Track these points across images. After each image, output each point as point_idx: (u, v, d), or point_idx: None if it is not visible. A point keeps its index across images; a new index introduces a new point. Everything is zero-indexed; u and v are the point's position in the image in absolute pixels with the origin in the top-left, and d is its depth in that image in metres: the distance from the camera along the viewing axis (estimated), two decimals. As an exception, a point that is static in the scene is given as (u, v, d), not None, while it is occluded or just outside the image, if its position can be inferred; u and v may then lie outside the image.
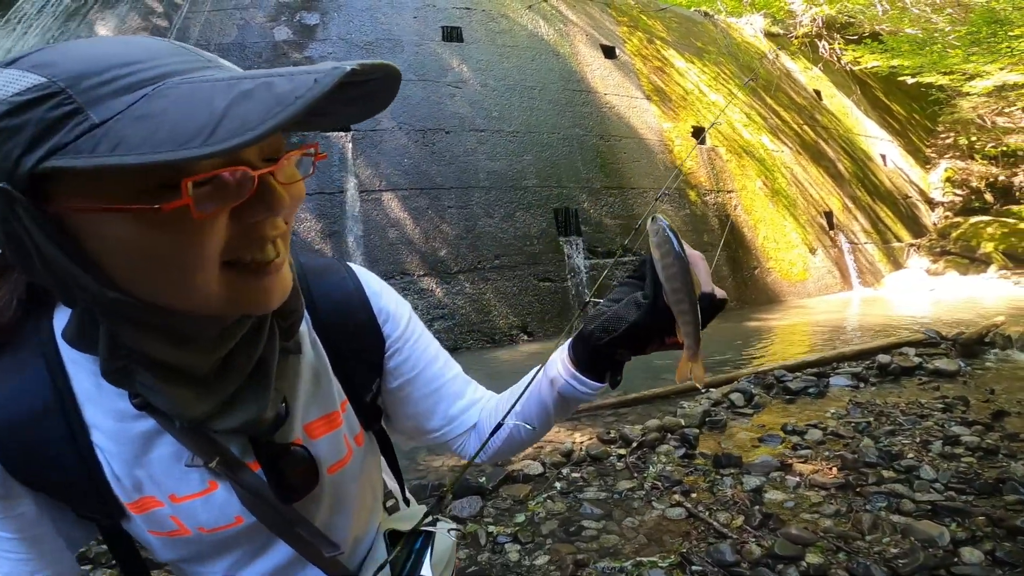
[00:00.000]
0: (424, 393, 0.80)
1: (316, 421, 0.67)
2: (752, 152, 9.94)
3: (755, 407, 4.05)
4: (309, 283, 0.70)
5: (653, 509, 2.66)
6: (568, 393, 0.72)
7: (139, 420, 0.57)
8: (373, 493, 0.82)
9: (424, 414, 0.82)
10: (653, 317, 0.64)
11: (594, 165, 8.18)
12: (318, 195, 6.78)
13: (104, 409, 0.56)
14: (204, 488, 0.60)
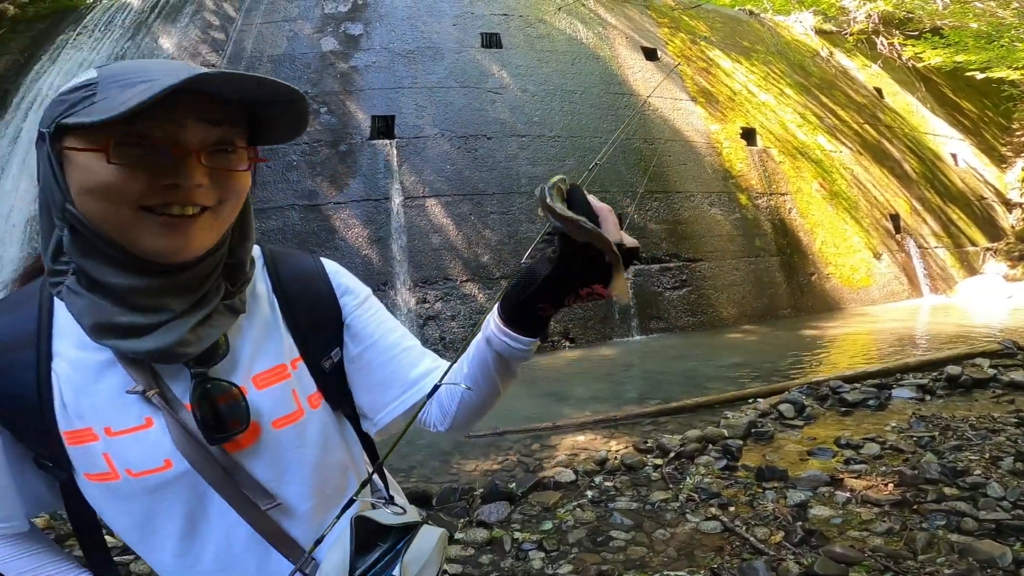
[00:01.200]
0: (383, 360, 0.84)
1: (263, 372, 0.73)
2: (807, 153, 9.49)
3: (806, 419, 3.83)
4: (276, 261, 0.82)
5: (687, 522, 2.54)
6: (503, 351, 0.76)
7: (99, 352, 0.66)
8: (342, 472, 0.82)
9: (384, 382, 0.85)
10: (561, 269, 0.68)
11: (638, 169, 8.01)
12: (364, 202, 6.96)
13: (73, 341, 0.66)
14: (139, 424, 0.66)
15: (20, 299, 0.69)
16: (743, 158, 8.78)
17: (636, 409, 4.20)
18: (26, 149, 7.10)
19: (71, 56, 7.88)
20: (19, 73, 7.87)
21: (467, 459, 3.46)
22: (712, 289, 7.80)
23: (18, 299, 0.69)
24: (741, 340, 7.05)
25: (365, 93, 7.56)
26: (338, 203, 6.92)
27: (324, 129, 7.29)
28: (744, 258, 8.16)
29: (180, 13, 8.19)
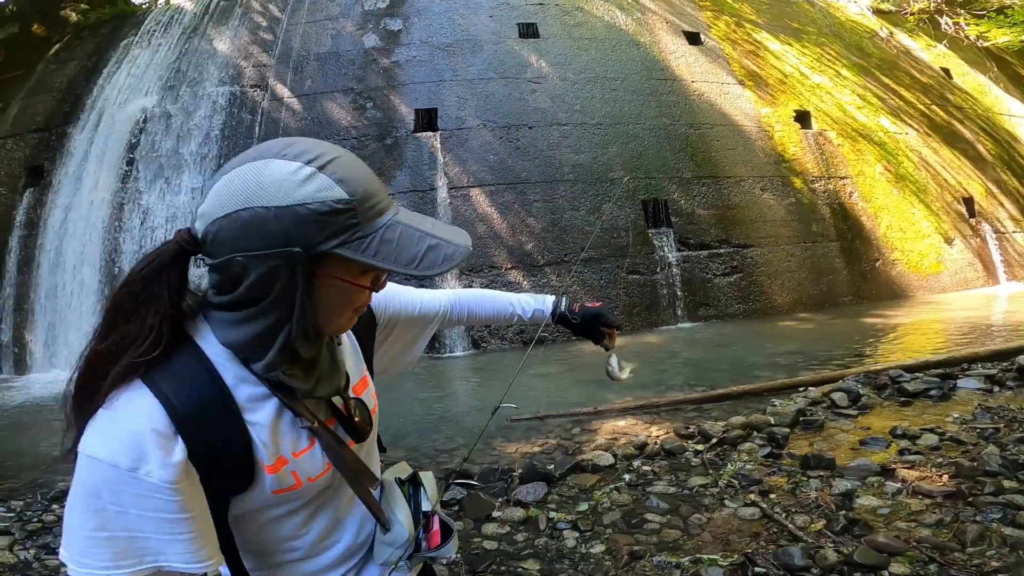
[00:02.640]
0: (405, 330, 1.11)
1: (358, 382, 0.93)
2: (869, 136, 9.02)
3: (861, 408, 3.67)
4: None
5: (724, 507, 2.50)
6: (534, 322, 1.35)
7: (267, 400, 0.79)
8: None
9: (407, 342, 1.13)
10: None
11: (684, 155, 7.83)
12: (412, 192, 7.12)
13: (244, 396, 0.77)
14: (308, 444, 0.82)
15: (187, 371, 0.74)
16: (797, 141, 8.45)
17: (679, 395, 4.13)
18: (102, 150, 7.57)
19: (136, 58, 8.30)
20: (88, 77, 8.34)
21: (509, 442, 3.48)
22: (764, 276, 7.54)
23: (184, 371, 0.74)
24: (795, 328, 6.79)
25: (408, 87, 7.71)
26: (386, 195, 7.09)
27: (370, 124, 7.50)
28: (800, 243, 7.84)
29: (230, 15, 8.55)
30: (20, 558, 2.29)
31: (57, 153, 7.73)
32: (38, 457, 3.68)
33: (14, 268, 7.32)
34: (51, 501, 2.81)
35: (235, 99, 7.69)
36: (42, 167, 7.76)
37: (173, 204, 7.14)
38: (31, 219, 7.47)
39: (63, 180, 7.52)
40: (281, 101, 7.67)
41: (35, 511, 2.69)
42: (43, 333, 6.98)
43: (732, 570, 2.08)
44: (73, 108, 8.05)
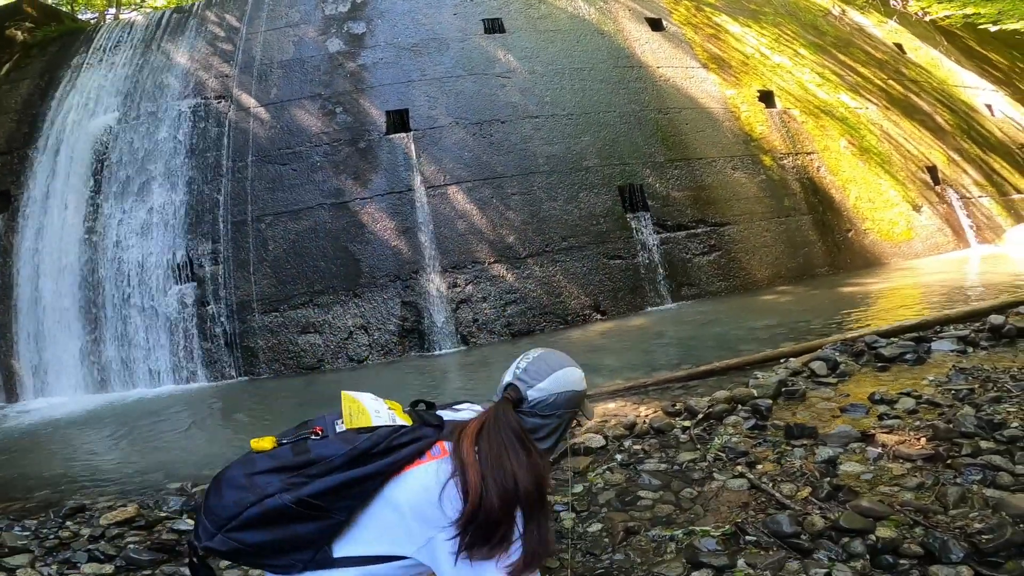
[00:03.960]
0: None
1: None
2: (831, 112, 9.28)
3: (840, 376, 3.75)
4: None
5: (714, 480, 2.57)
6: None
7: None
8: None
9: None
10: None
11: (655, 139, 7.93)
12: (389, 195, 7.11)
13: None
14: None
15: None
16: (763, 120, 8.63)
17: (666, 374, 4.21)
18: (67, 170, 7.40)
19: (90, 77, 8.11)
20: (43, 97, 8.15)
21: None
22: (743, 252, 7.67)
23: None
24: (775, 302, 6.93)
25: (376, 90, 7.68)
26: (364, 198, 7.09)
27: (342, 128, 7.45)
28: (773, 219, 7.99)
29: (185, 27, 8.40)
30: (43, 574, 2.30)
31: (21, 176, 7.56)
32: (44, 479, 3.67)
33: None
34: (64, 518, 2.81)
35: (199, 112, 7.57)
36: (8, 192, 7.59)
37: (146, 220, 7.03)
38: (3, 246, 7.33)
39: (31, 203, 7.36)
40: (248, 111, 7.58)
41: (50, 528, 2.69)
42: (30, 359, 6.89)
43: (724, 540, 2.15)
44: (31, 129, 7.86)
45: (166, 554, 2.38)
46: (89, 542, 2.51)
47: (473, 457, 1.20)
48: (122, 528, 2.59)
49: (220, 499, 1.22)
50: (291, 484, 1.19)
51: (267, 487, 1.19)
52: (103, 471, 3.73)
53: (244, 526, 1.19)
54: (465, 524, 1.16)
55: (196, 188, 7.11)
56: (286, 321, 6.65)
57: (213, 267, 6.83)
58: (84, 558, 2.35)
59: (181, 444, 4.31)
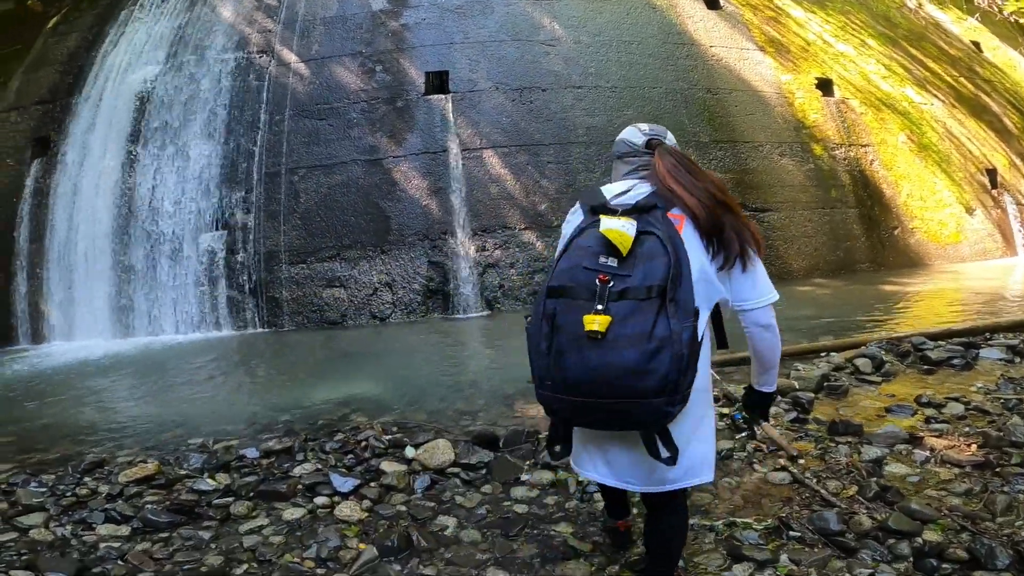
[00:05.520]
0: None
1: None
2: (893, 105, 8.91)
3: (884, 375, 3.62)
4: None
5: (754, 472, 2.48)
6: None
7: None
8: None
9: None
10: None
11: (701, 119, 7.70)
12: (423, 155, 7.01)
13: None
14: None
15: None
16: (818, 108, 8.34)
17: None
18: (108, 119, 7.42)
19: (137, 30, 8.10)
20: (90, 49, 8.15)
21: (530, 404, 3.40)
22: (781, 240, 7.46)
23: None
24: (812, 293, 6.72)
25: (417, 50, 7.51)
26: (397, 157, 7.01)
27: (380, 87, 7.33)
28: (818, 209, 7.75)
29: (232, -21, 8.23)
30: (57, 535, 2.22)
31: (63, 124, 7.62)
32: (65, 428, 3.60)
33: (26, 238, 7.29)
34: (83, 474, 2.73)
35: (241, 66, 7.51)
36: (48, 138, 7.67)
37: (182, 168, 7.04)
38: (40, 188, 7.41)
39: (71, 150, 7.43)
40: (288, 66, 7.48)
41: (68, 484, 2.61)
42: (59, 302, 6.98)
43: (766, 534, 2.09)
44: (76, 80, 7.88)
45: (184, 516, 2.31)
46: (107, 501, 2.43)
47: (692, 199, 1.42)
48: (141, 486, 2.52)
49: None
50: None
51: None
52: (124, 422, 3.64)
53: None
54: (716, 244, 1.42)
55: (233, 139, 7.11)
56: (312, 274, 6.67)
57: (244, 216, 6.84)
58: (100, 518, 2.28)
59: (204, 397, 4.23)
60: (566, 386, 1.30)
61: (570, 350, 1.28)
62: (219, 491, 2.45)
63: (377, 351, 5.38)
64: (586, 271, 1.33)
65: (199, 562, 2.02)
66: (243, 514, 2.31)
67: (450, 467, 2.57)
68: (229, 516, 2.31)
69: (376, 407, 3.57)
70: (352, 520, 2.22)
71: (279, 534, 2.17)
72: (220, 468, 2.64)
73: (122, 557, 2.05)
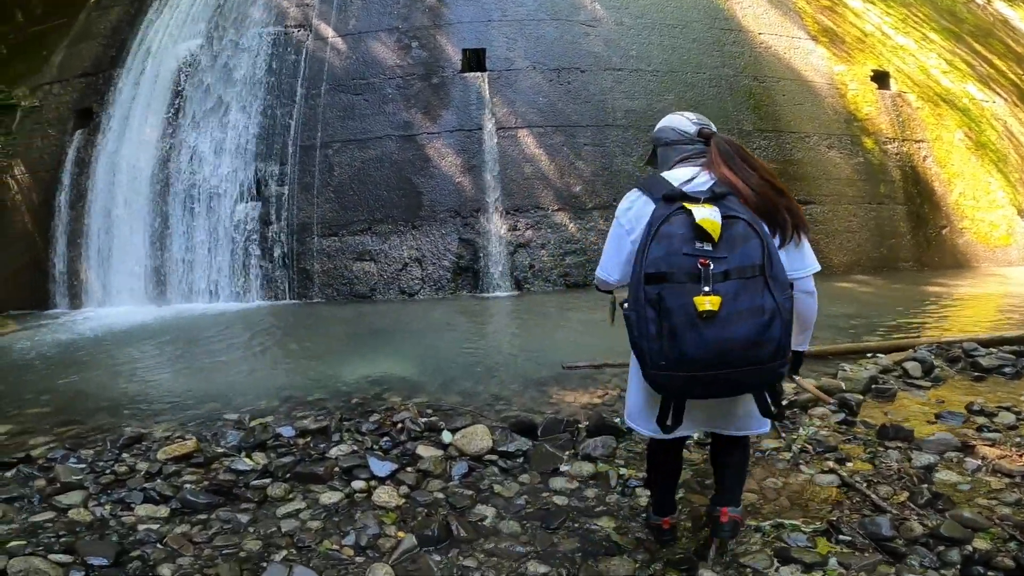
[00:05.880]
0: None
1: None
2: (953, 101, 8.57)
3: (934, 380, 3.49)
4: None
5: (800, 473, 2.41)
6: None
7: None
8: None
9: None
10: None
11: (746, 107, 7.48)
12: (458, 132, 6.93)
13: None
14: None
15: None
16: (872, 101, 8.06)
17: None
18: (149, 91, 7.49)
19: (178, 4, 8.09)
20: (132, 23, 8.20)
21: (565, 390, 3.37)
22: (823, 234, 7.26)
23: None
24: (853, 290, 6.50)
25: (454, 27, 7.40)
26: (432, 133, 6.95)
27: (416, 63, 7.24)
28: (864, 204, 7.51)
29: (270, -46, 8.14)
30: (96, 515, 2.18)
31: (105, 96, 7.72)
32: (101, 398, 3.57)
33: (66, 203, 7.43)
34: (121, 449, 2.69)
35: (279, 40, 7.48)
36: (91, 109, 7.78)
37: (219, 140, 7.09)
38: (82, 158, 7.53)
39: (112, 121, 7.53)
40: (325, 41, 7.42)
41: (107, 461, 2.57)
42: (96, 268, 7.10)
43: (815, 537, 2.02)
44: (119, 53, 7.96)
45: (223, 497, 2.28)
46: (145, 479, 2.39)
47: (747, 187, 1.57)
48: (179, 464, 2.49)
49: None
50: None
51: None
52: (159, 394, 3.62)
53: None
54: (773, 226, 1.56)
55: (269, 112, 7.12)
56: (343, 246, 6.68)
57: (279, 188, 6.87)
58: (139, 498, 2.23)
59: (237, 369, 4.21)
60: (685, 363, 1.42)
61: (685, 330, 1.40)
62: (256, 472, 2.42)
63: (407, 327, 5.36)
64: (686, 256, 1.42)
65: (238, 547, 1.98)
66: (280, 496, 2.28)
67: (487, 454, 2.52)
68: (266, 498, 2.28)
69: (409, 387, 3.53)
70: (390, 506, 2.19)
71: (316, 519, 2.14)
72: (256, 447, 2.62)
73: (161, 540, 2.00)
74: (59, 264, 7.29)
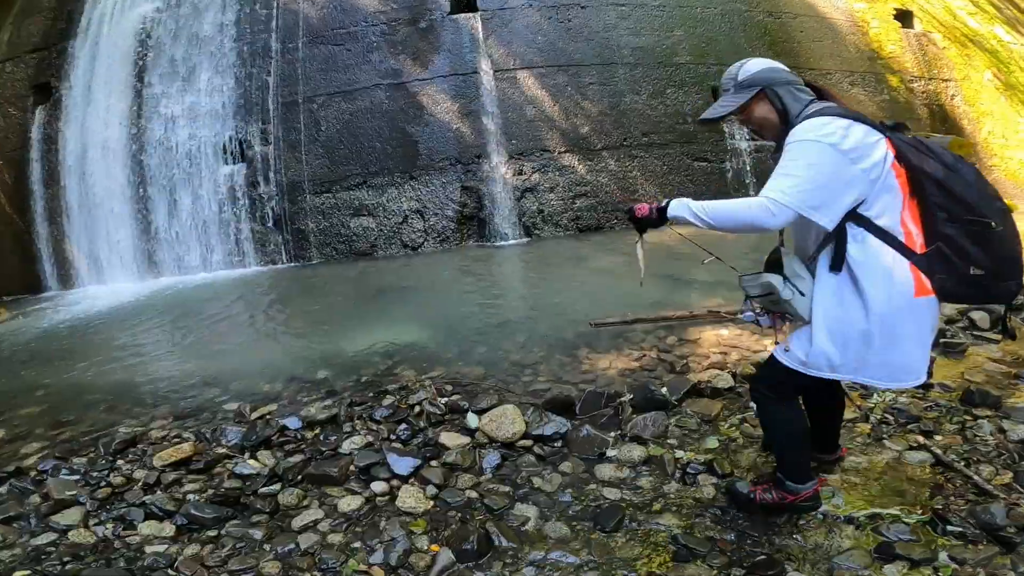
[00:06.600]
0: None
1: None
2: (980, 43, 8.26)
3: (1003, 332, 3.14)
4: None
5: (886, 449, 2.09)
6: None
7: None
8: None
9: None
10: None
11: (761, 43, 6.98)
12: (452, 76, 6.38)
13: None
14: None
15: None
16: (896, 40, 7.70)
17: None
18: (109, 59, 6.85)
19: None
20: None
21: (597, 353, 3.01)
22: (852, 173, 6.91)
23: None
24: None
25: (440, -36, 6.68)
26: (423, 80, 6.38)
27: (400, 7, 6.61)
28: (889, 141, 7.12)
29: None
30: (98, 535, 1.92)
31: (62, 69, 7.07)
32: (94, 390, 3.22)
33: (40, 182, 6.88)
34: (115, 455, 2.37)
35: (246, -7, 6.76)
36: (49, 84, 7.13)
37: (193, 103, 6.52)
38: (48, 134, 6.95)
39: (74, 93, 6.93)
40: (297, -9, 6.72)
41: (100, 470, 2.27)
42: (83, 246, 6.65)
43: (918, 528, 1.71)
44: (68, 24, 7.25)
45: (230, 508, 1.98)
46: (144, 491, 2.11)
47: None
48: (179, 471, 2.19)
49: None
50: None
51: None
52: (154, 382, 3.26)
53: None
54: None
55: (244, 71, 6.55)
56: (338, 203, 6.23)
57: (263, 148, 6.36)
58: (140, 515, 1.97)
59: (234, 348, 3.82)
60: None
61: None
62: (263, 476, 2.11)
63: (413, 285, 4.96)
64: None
65: (255, 570, 1.70)
66: (294, 504, 1.97)
67: (521, 439, 2.18)
68: (279, 507, 1.98)
69: (422, 358, 3.16)
70: (417, 512, 1.86)
71: (337, 531, 1.83)
72: (261, 444, 2.28)
73: (172, 565, 1.75)
74: (44, 246, 6.86)
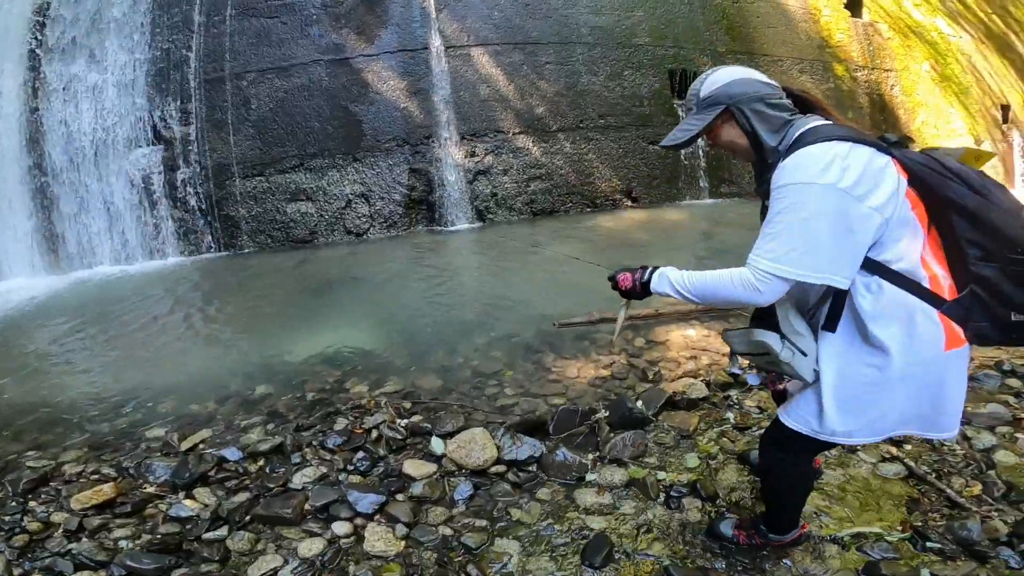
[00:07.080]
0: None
1: None
2: (922, 34, 8.63)
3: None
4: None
5: (860, 461, 2.08)
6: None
7: None
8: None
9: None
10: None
11: (719, 27, 6.99)
12: (400, 52, 5.98)
13: None
14: None
15: None
16: (844, 29, 7.91)
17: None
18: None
19: None
20: None
21: (564, 359, 2.88)
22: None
23: None
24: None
25: (390, -69, 6.20)
26: (368, 56, 5.95)
27: (344, -24, 6.09)
28: (832, 129, 7.41)
29: None
30: None
31: None
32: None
33: None
34: (25, 496, 1.99)
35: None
36: None
37: (100, 85, 5.79)
38: None
39: None
40: (222, -41, 6.04)
41: (12, 514, 1.90)
42: None
43: (900, 545, 1.70)
44: None
45: (173, 556, 1.70)
46: (67, 538, 1.78)
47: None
48: (103, 516, 1.87)
49: None
50: None
51: None
52: (63, 402, 2.77)
53: None
54: None
55: (159, 46, 5.87)
56: (272, 187, 5.76)
57: (183, 128, 5.74)
58: (70, 567, 1.66)
59: (155, 356, 3.32)
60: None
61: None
62: (205, 519, 1.83)
63: (358, 276, 4.62)
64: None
65: None
66: (247, 550, 1.72)
67: (493, 466, 2.02)
68: (229, 553, 1.72)
69: (374, 367, 2.92)
70: (389, 555, 1.67)
71: (302, 580, 1.60)
72: (197, 480, 1.98)
73: None
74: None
